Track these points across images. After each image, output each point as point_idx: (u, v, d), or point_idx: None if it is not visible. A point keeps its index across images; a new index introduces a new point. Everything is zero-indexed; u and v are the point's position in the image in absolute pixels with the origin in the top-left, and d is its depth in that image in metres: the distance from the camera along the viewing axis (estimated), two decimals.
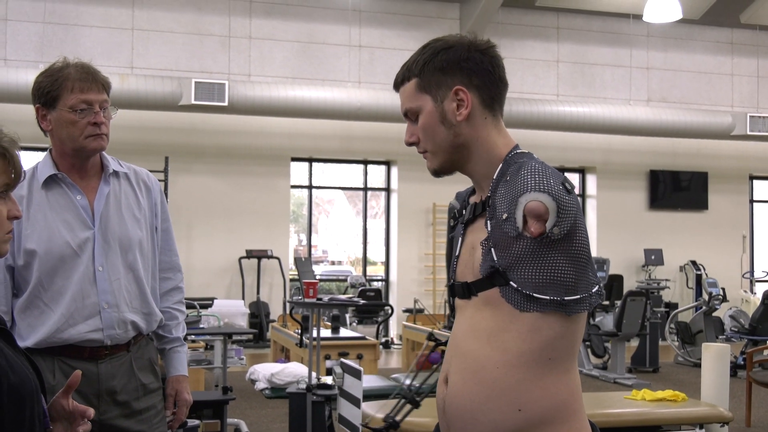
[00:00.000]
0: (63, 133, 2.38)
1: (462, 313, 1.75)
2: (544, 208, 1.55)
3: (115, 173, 2.49)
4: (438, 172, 1.78)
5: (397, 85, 1.81)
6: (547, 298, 1.61)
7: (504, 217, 1.60)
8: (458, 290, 1.75)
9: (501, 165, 1.69)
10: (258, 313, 11.32)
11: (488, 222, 1.66)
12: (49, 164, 2.43)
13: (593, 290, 1.66)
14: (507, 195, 1.60)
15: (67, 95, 2.35)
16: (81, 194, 2.42)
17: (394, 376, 7.30)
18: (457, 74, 1.70)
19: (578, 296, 1.63)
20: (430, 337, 2.28)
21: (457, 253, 1.80)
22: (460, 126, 1.71)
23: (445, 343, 1.89)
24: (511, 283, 1.62)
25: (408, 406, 2.32)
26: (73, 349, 2.36)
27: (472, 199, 1.80)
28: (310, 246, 13.49)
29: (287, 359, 8.80)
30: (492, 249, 1.64)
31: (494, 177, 1.68)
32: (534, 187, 1.56)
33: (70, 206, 2.41)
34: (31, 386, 1.52)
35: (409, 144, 1.80)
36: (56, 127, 2.39)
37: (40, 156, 2.55)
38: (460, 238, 1.80)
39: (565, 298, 1.61)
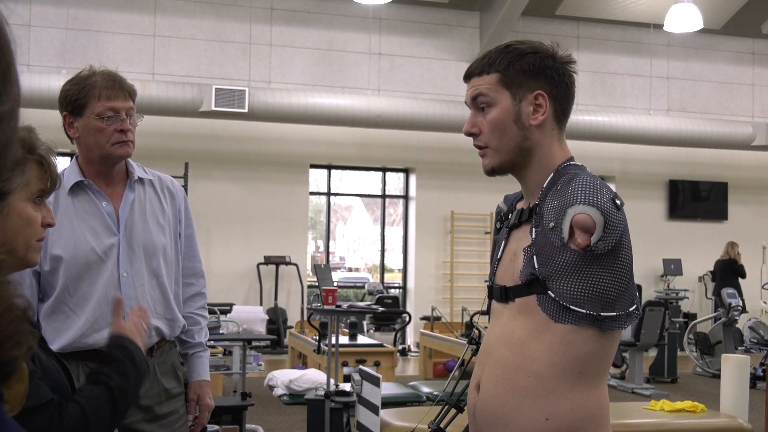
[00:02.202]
0: (90, 140, 2.41)
1: (497, 319, 1.76)
2: (592, 222, 1.55)
3: (140, 180, 2.52)
4: (494, 171, 1.75)
5: (471, 75, 1.78)
6: (583, 311, 1.60)
7: (551, 226, 1.60)
8: (496, 293, 1.76)
9: (552, 174, 1.69)
10: (275, 320, 11.34)
11: (533, 229, 1.66)
12: (75, 171, 2.46)
13: (631, 309, 1.65)
14: (556, 205, 1.60)
15: (94, 103, 2.38)
16: (107, 201, 2.45)
17: (411, 383, 7.31)
18: (540, 80, 1.71)
19: (615, 313, 1.63)
20: (471, 341, 2.29)
21: (498, 256, 1.80)
22: (531, 130, 1.71)
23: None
24: (549, 292, 1.62)
25: (452, 411, 2.35)
26: (97, 353, 2.38)
27: (519, 205, 1.79)
28: (327, 252, 13.52)
29: (305, 365, 8.82)
30: (534, 256, 1.64)
31: (545, 185, 1.69)
32: (583, 200, 1.56)
33: (95, 213, 2.44)
34: (63, 389, 1.55)
35: (468, 134, 1.77)
36: (83, 135, 2.42)
37: (60, 161, 2.58)
38: (503, 242, 1.80)
39: (602, 313, 1.61)
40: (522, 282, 1.67)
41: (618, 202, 1.60)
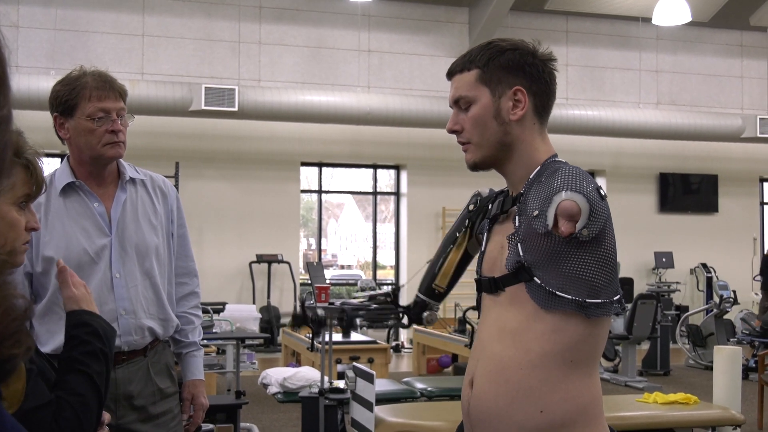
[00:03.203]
0: (81, 141, 2.41)
1: (488, 313, 1.78)
2: (577, 209, 1.57)
3: (132, 180, 2.52)
4: (477, 166, 1.79)
5: (453, 73, 1.83)
6: (569, 297, 1.63)
7: (535, 214, 1.61)
8: (485, 285, 1.78)
9: (538, 168, 1.72)
10: (268, 318, 11.34)
11: (517, 217, 1.69)
12: (66, 172, 2.46)
13: (615, 298, 1.67)
14: (540, 193, 1.62)
15: (84, 104, 2.38)
16: (98, 202, 2.45)
17: (405, 379, 7.31)
18: (519, 76, 1.74)
19: (600, 300, 1.65)
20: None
21: (483, 249, 1.83)
22: (511, 125, 1.74)
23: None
24: (535, 279, 1.64)
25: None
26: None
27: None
28: (320, 250, 13.52)
29: (298, 363, 8.82)
30: (519, 244, 1.67)
31: (530, 177, 1.72)
32: (569, 187, 1.58)
33: (87, 214, 2.44)
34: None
35: (451, 131, 1.81)
36: (74, 136, 2.41)
37: (50, 162, 2.58)
38: (485, 234, 1.84)
39: (587, 300, 1.63)
40: (509, 270, 1.68)
41: (602, 192, 1.62)
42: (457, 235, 2.11)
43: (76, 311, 1.68)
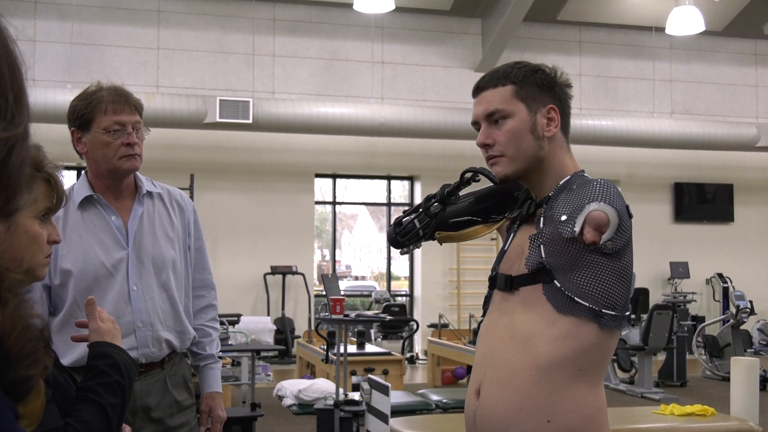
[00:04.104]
0: (98, 154, 2.43)
1: (498, 319, 1.78)
2: (607, 220, 1.60)
3: (149, 193, 2.54)
4: (508, 178, 1.81)
5: (483, 88, 1.83)
6: (586, 304, 1.65)
7: (563, 218, 1.64)
8: (500, 281, 1.79)
9: (569, 177, 1.77)
10: (283, 329, 11.35)
11: (542, 218, 1.72)
12: (84, 186, 2.48)
13: (626, 313, 1.72)
14: (571, 200, 1.66)
15: (100, 117, 2.40)
16: (116, 215, 2.47)
17: (420, 391, 7.31)
18: (551, 95, 1.80)
19: (614, 313, 1.68)
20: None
21: (505, 248, 1.85)
22: (544, 140, 1.78)
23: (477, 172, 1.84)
24: (555, 282, 1.67)
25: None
26: None
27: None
28: (334, 261, 13.53)
29: (313, 375, 8.82)
30: (542, 246, 1.69)
31: (560, 184, 1.76)
32: (603, 199, 1.62)
33: (105, 227, 2.45)
34: (71, 404, 1.56)
35: (483, 145, 1.82)
36: (91, 149, 2.43)
37: (66, 174, 2.60)
38: (511, 235, 1.85)
39: (603, 310, 1.66)
40: (529, 270, 1.70)
41: (630, 211, 1.68)
42: (495, 217, 1.98)
43: (98, 342, 1.70)
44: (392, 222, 2.01)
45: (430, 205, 1.89)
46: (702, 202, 13.52)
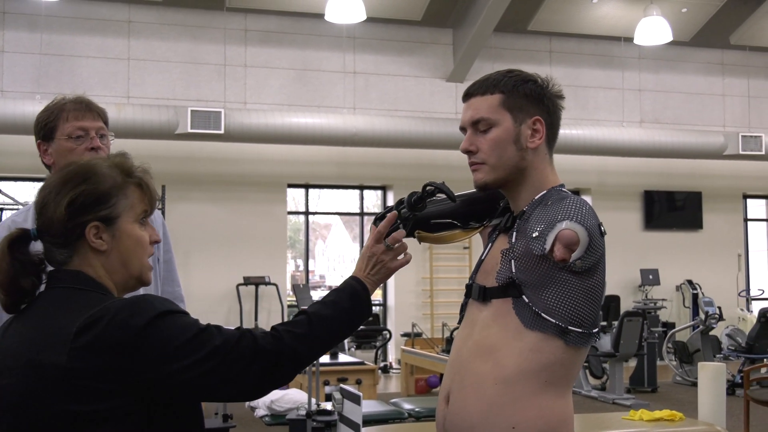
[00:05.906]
0: (62, 162, 2.41)
1: (470, 330, 1.80)
2: (576, 239, 1.61)
3: None
4: (487, 186, 1.82)
5: (472, 95, 1.84)
6: (553, 321, 1.67)
7: (534, 235, 1.66)
8: (475, 291, 1.82)
9: (545, 192, 1.78)
10: None
11: (514, 233, 1.74)
12: None
13: (594, 330, 1.72)
14: (544, 217, 1.67)
15: (63, 124, 2.40)
16: None
17: (393, 400, 7.31)
18: (538, 106, 1.80)
19: (581, 330, 1.69)
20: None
21: (482, 257, 1.87)
22: (527, 152, 1.79)
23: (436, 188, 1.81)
24: (524, 297, 1.68)
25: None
26: None
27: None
28: (307, 272, 13.51)
29: (286, 386, 8.80)
30: (512, 261, 1.71)
31: (536, 198, 1.77)
32: (574, 217, 1.63)
33: None
34: None
35: (466, 151, 1.83)
36: (57, 159, 2.42)
37: (37, 186, 2.59)
38: (489, 244, 1.87)
39: (569, 327, 1.68)
40: (499, 284, 1.73)
41: (603, 229, 1.67)
42: (473, 224, 1.97)
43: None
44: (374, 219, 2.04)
45: (410, 203, 1.91)
46: (672, 210, 13.67)
